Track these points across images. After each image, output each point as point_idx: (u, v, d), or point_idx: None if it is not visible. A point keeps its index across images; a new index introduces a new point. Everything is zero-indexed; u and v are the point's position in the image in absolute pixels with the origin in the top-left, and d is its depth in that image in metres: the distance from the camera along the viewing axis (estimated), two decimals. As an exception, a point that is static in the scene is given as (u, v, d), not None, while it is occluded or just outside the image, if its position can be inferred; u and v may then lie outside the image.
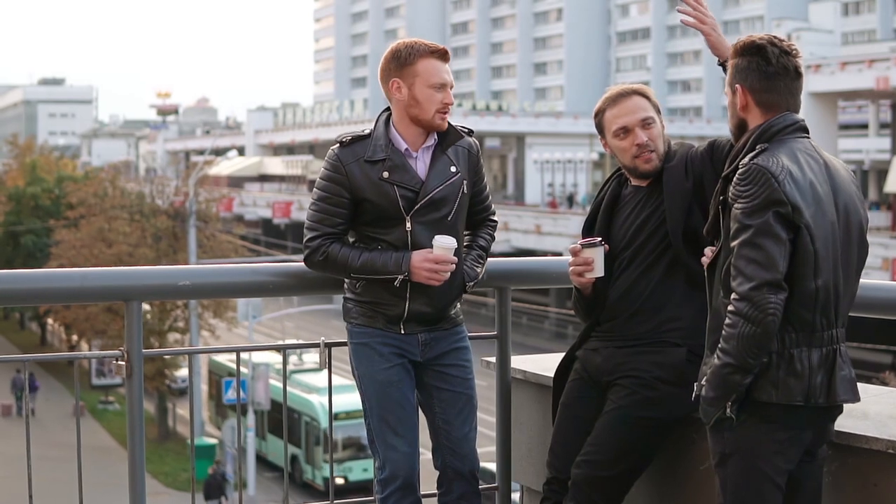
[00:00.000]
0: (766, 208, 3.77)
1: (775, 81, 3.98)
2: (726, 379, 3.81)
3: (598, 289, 4.62)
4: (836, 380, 3.85)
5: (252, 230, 74.57)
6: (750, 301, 3.74)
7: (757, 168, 3.81)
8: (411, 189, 4.69)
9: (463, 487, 4.84)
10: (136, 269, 5.11)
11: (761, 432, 3.85)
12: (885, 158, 61.81)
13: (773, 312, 3.72)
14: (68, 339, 51.24)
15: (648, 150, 4.55)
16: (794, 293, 3.79)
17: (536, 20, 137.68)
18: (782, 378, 3.81)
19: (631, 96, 4.62)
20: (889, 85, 51.28)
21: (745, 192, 3.82)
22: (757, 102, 4.00)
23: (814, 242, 3.79)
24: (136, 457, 4.80)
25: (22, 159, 66.49)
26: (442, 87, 4.71)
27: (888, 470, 4.03)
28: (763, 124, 3.96)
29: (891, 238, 45.32)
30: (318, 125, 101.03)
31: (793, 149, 3.89)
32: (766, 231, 3.76)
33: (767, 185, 3.77)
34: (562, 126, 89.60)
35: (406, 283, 4.69)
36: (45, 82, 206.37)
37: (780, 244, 3.76)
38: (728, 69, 4.10)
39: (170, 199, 46.22)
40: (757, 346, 3.75)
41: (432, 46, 4.74)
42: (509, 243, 59.05)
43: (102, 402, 45.12)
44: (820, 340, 3.84)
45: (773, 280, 3.74)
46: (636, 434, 4.41)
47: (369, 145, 4.72)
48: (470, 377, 4.92)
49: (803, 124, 4.00)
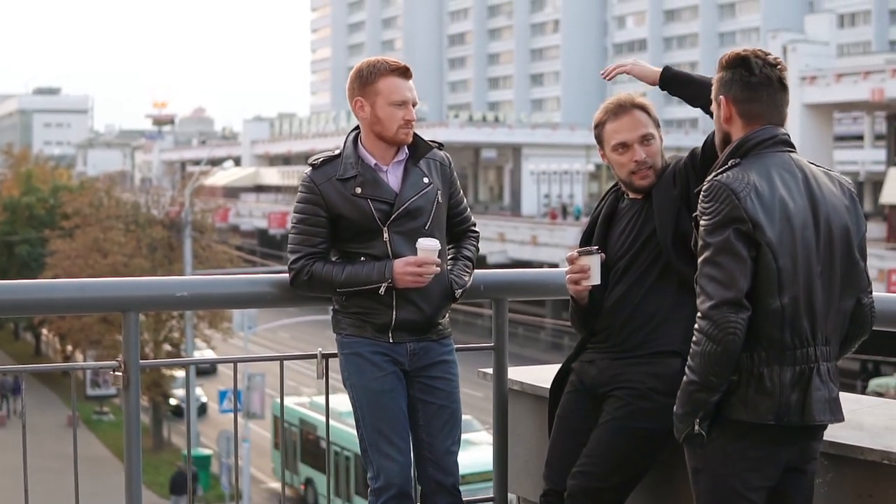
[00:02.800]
0: (727, 225, 3.76)
1: (758, 91, 3.97)
2: (692, 396, 3.81)
3: (594, 299, 4.63)
4: (811, 400, 3.80)
5: (248, 241, 74.49)
6: (711, 320, 3.73)
7: (718, 185, 3.81)
8: (385, 201, 4.78)
9: (446, 500, 4.87)
10: (134, 280, 5.12)
11: (732, 450, 3.84)
12: (881, 170, 61.88)
13: (732, 331, 3.70)
14: (63, 349, 51.19)
15: (646, 166, 4.56)
16: (760, 311, 3.76)
17: (533, 31, 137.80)
18: (752, 396, 3.79)
19: (632, 111, 4.62)
20: (884, 97, 51.37)
21: (707, 210, 3.82)
22: (740, 113, 3.99)
23: (777, 260, 3.75)
24: (133, 467, 4.79)
25: (17, 169, 66.58)
26: (403, 105, 4.79)
27: (883, 481, 4.04)
28: (741, 138, 3.95)
29: (887, 249, 45.37)
30: (314, 136, 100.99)
31: (767, 164, 3.87)
32: (726, 249, 3.75)
33: (728, 202, 3.76)
34: (558, 137, 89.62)
35: (391, 290, 4.73)
36: (40, 92, 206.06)
37: (741, 262, 3.74)
38: (714, 84, 4.09)
39: (165, 210, 46.28)
40: (719, 365, 3.74)
41: (393, 64, 4.82)
42: (505, 254, 59.05)
43: (97, 412, 45.08)
44: (792, 359, 3.79)
45: (733, 298, 3.71)
46: (632, 445, 4.42)
47: (340, 164, 4.83)
48: (455, 391, 4.95)
49: (784, 137, 3.97)
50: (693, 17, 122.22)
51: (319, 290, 4.82)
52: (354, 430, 4.87)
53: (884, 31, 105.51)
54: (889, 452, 4.01)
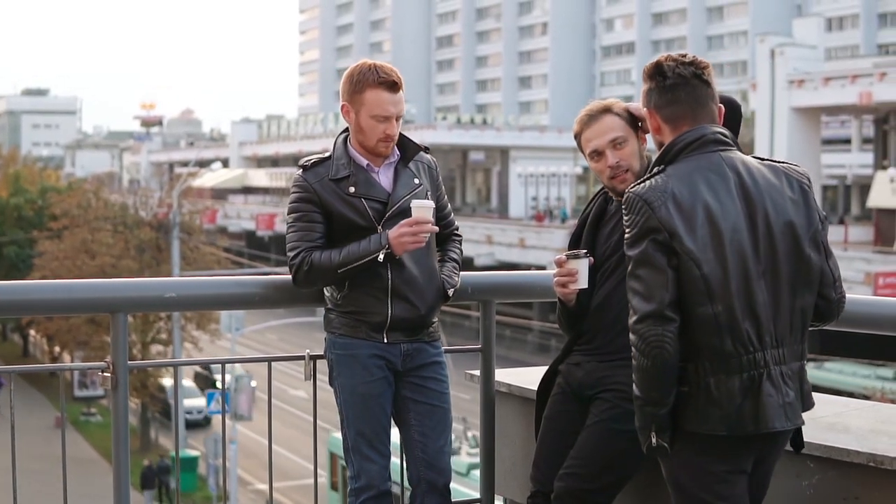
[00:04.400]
0: (644, 237, 3.71)
1: (674, 93, 3.88)
2: (641, 410, 3.78)
3: (581, 301, 4.64)
4: (763, 406, 3.70)
5: (236, 242, 74.47)
6: (637, 334, 3.69)
7: (633, 197, 3.76)
8: (379, 200, 4.81)
9: (436, 500, 4.89)
10: (122, 281, 5.11)
11: (697, 464, 3.79)
12: (868, 173, 61.98)
13: (658, 344, 3.65)
14: (50, 350, 51.12)
15: (622, 170, 4.57)
16: (693, 320, 3.69)
17: (521, 34, 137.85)
18: (702, 407, 3.72)
19: (602, 117, 4.62)
20: (872, 100, 51.45)
21: (627, 223, 3.78)
22: (664, 119, 3.92)
23: (700, 267, 3.67)
24: (121, 468, 4.80)
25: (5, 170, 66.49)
26: (385, 119, 4.80)
27: (869, 483, 4.05)
28: (667, 144, 3.88)
29: (873, 253, 45.45)
30: (302, 137, 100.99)
31: (690, 168, 3.78)
32: (644, 261, 3.71)
33: (643, 213, 3.71)
34: (546, 140, 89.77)
35: (386, 287, 4.76)
36: (28, 93, 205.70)
37: (660, 273, 3.68)
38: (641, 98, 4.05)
39: (153, 211, 46.21)
40: (656, 379, 3.69)
41: (382, 76, 4.80)
42: (493, 256, 59.06)
43: (85, 413, 44.98)
44: (738, 366, 3.70)
45: (655, 311, 3.66)
46: (618, 447, 4.43)
47: (331, 165, 4.85)
48: (446, 391, 4.98)
49: (714, 136, 3.85)
50: (681, 21, 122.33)
51: (321, 278, 4.80)
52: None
53: (872, 34, 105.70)
54: (875, 455, 4.02)
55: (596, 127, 4.61)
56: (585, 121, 4.64)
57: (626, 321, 4.31)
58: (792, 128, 53.37)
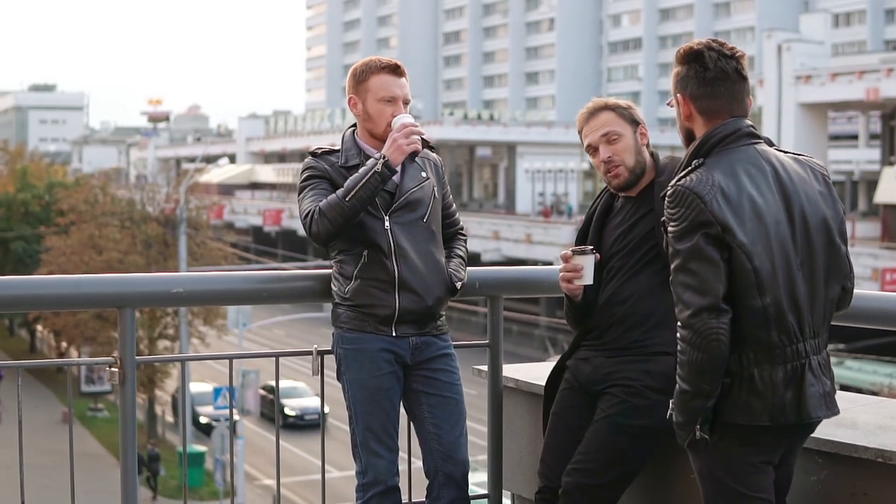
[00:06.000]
0: (695, 231, 3.70)
1: (715, 87, 3.88)
2: (688, 405, 3.77)
3: (587, 296, 4.64)
4: (806, 396, 3.75)
5: (242, 238, 74.39)
6: (692, 328, 3.69)
7: (682, 189, 3.75)
8: (388, 190, 4.81)
9: (453, 493, 4.88)
10: (130, 276, 5.10)
11: (734, 455, 3.81)
12: (875, 169, 61.97)
13: (715, 337, 3.66)
14: (58, 345, 51.18)
15: (614, 164, 4.58)
16: (742, 313, 3.70)
17: (528, 30, 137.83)
18: (745, 399, 3.74)
19: (599, 113, 4.65)
20: (879, 96, 51.44)
21: (673, 216, 3.76)
22: (699, 110, 3.92)
23: (751, 260, 3.68)
24: (129, 463, 4.81)
25: (12, 166, 66.54)
26: (392, 101, 4.85)
27: (877, 479, 4.04)
28: (702, 136, 3.88)
29: (880, 248, 45.43)
30: (309, 133, 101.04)
31: (731, 161, 3.80)
32: (696, 255, 3.69)
33: (694, 207, 3.70)
34: (553, 136, 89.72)
35: (394, 280, 4.74)
36: (35, 88, 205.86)
37: (713, 266, 3.68)
38: (672, 79, 4.03)
39: (160, 207, 46.26)
40: (708, 372, 3.69)
41: (384, 62, 4.90)
42: (500, 252, 59.06)
43: (92, 409, 45.05)
44: (782, 357, 3.74)
45: (711, 304, 3.66)
46: (626, 442, 4.42)
47: (341, 155, 4.90)
48: (458, 383, 4.97)
49: (748, 130, 3.88)
50: (688, 16, 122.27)
51: (333, 219, 4.68)
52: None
53: (879, 30, 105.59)
54: (884, 450, 4.01)
55: (592, 123, 4.65)
56: (585, 117, 4.68)
57: (635, 318, 4.30)
58: (799, 124, 53.33)
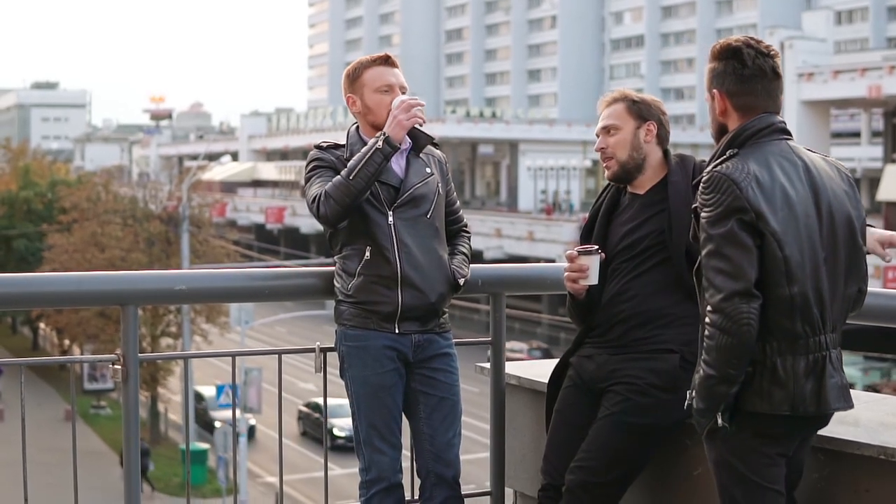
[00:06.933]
0: (729, 216, 3.73)
1: (752, 84, 3.93)
2: (712, 390, 3.78)
3: (591, 294, 4.64)
4: (826, 387, 3.79)
5: (245, 235, 74.46)
6: (723, 313, 3.71)
7: (718, 175, 3.78)
8: (392, 185, 4.83)
9: (445, 493, 4.89)
10: (133, 274, 5.12)
11: (752, 446, 3.84)
12: (878, 167, 61.89)
13: (746, 322, 3.68)
14: (60, 343, 51.22)
15: (606, 156, 4.62)
16: (770, 301, 3.74)
17: (530, 27, 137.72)
18: (766, 388, 3.77)
19: (612, 104, 4.68)
20: (881, 93, 51.40)
21: (708, 201, 3.79)
22: (735, 106, 3.96)
23: (782, 249, 3.73)
24: (132, 461, 4.80)
25: (15, 163, 66.58)
26: (389, 89, 4.90)
27: (880, 476, 4.04)
28: (736, 129, 3.92)
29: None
30: (311, 131, 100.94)
31: (765, 153, 3.85)
32: (730, 240, 3.72)
33: (730, 193, 3.74)
34: (555, 133, 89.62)
35: (396, 276, 4.74)
36: (38, 86, 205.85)
37: (747, 252, 3.71)
38: (706, 74, 4.06)
39: (163, 204, 46.26)
40: (736, 357, 3.71)
41: (374, 56, 4.97)
42: (502, 249, 59.06)
43: (94, 406, 45.05)
44: (805, 348, 3.77)
45: (743, 289, 3.69)
46: (630, 440, 4.42)
47: (346, 149, 4.92)
48: (456, 384, 4.98)
49: (781, 125, 3.94)
50: (690, 14, 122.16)
51: (339, 201, 4.68)
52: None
53: (881, 27, 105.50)
54: (886, 448, 4.01)
55: (604, 111, 4.69)
56: (602, 105, 4.72)
57: (639, 316, 4.31)
58: (801, 121, 53.29)
